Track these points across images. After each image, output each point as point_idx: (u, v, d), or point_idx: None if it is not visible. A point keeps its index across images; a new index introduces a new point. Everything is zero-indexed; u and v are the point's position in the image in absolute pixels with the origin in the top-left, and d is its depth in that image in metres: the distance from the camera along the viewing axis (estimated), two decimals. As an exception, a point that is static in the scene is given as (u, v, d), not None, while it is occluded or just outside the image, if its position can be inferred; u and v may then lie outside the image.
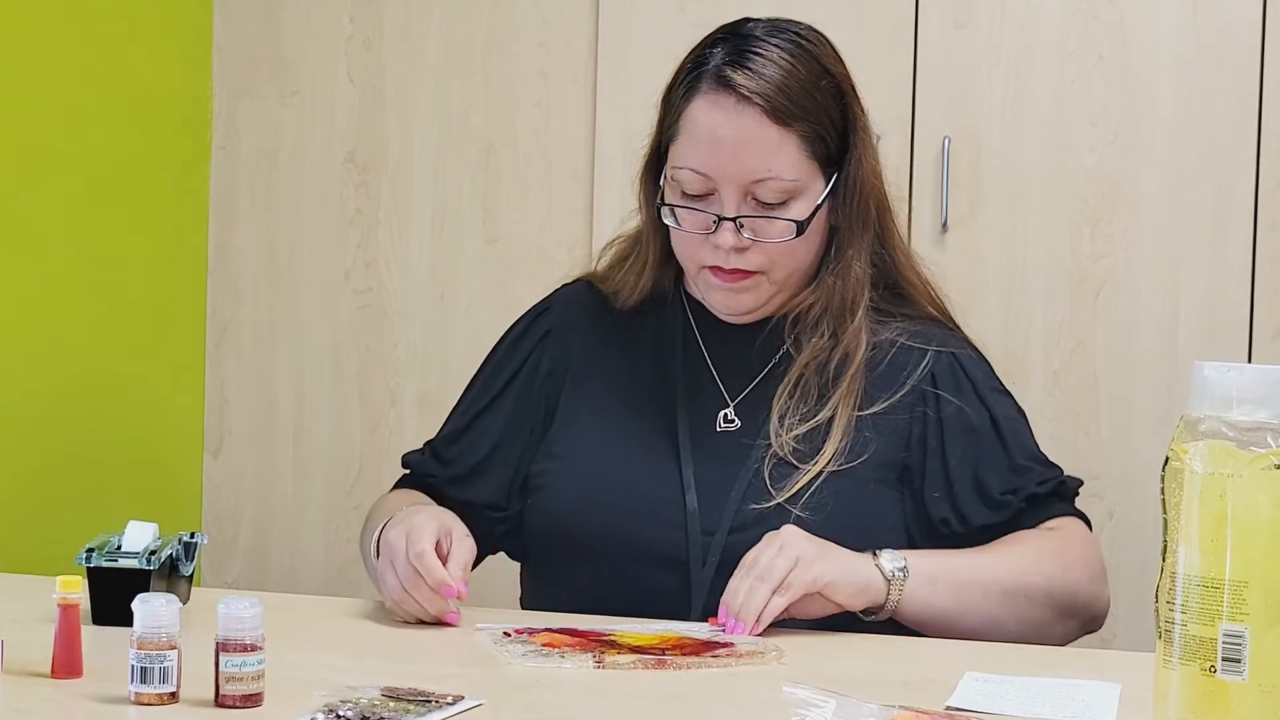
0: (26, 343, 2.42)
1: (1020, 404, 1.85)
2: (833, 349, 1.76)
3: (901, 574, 1.64)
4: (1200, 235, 2.53)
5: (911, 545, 1.72)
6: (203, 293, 2.87)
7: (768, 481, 1.71)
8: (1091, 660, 1.62)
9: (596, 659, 1.49)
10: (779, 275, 1.74)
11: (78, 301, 2.53)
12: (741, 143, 1.69)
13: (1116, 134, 2.55)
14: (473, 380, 1.91)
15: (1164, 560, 1.24)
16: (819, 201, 1.72)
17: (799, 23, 1.78)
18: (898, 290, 1.82)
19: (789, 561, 1.60)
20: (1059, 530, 1.77)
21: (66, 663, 1.40)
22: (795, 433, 1.73)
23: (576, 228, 2.69)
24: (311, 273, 2.84)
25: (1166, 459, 1.24)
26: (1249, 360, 2.50)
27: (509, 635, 1.57)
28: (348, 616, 1.67)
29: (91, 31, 2.54)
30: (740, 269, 1.73)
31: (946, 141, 2.58)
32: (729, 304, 1.77)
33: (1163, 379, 2.54)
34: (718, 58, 1.71)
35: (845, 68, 1.77)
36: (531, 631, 1.58)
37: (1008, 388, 1.85)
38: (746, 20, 1.77)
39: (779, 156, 1.69)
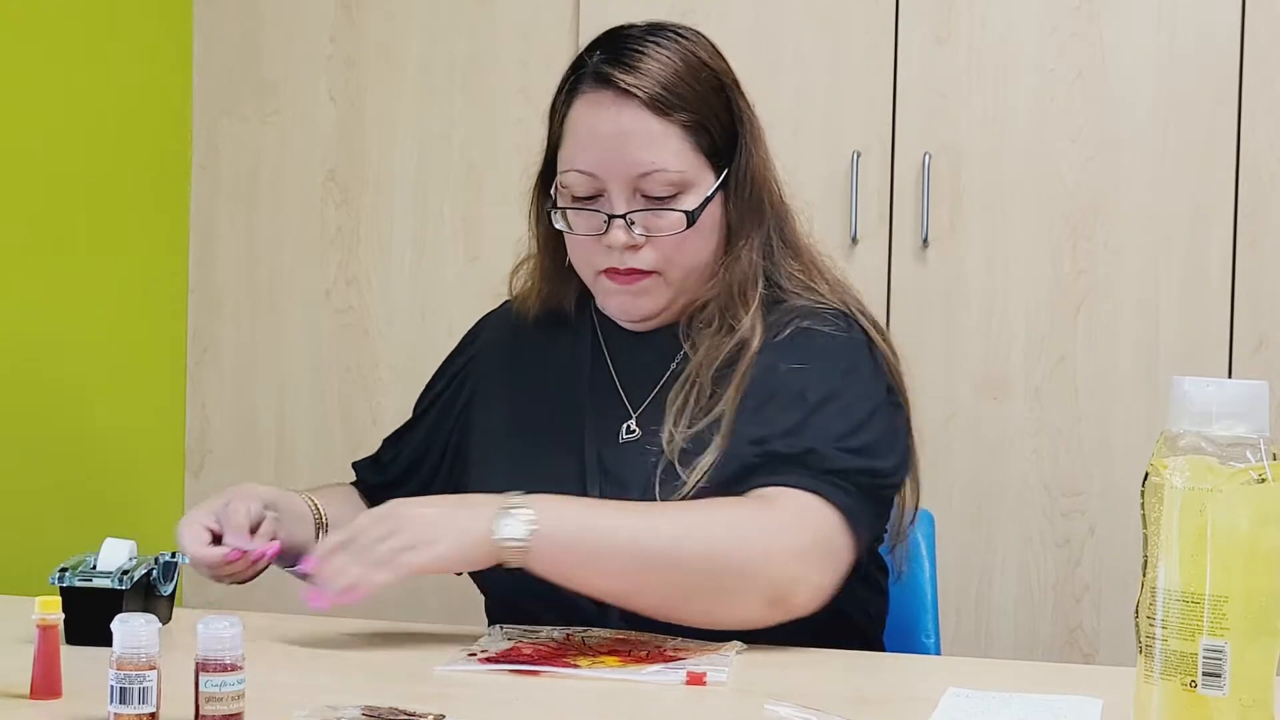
0: (5, 360, 2.42)
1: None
2: (726, 343, 1.70)
3: (521, 542, 1.53)
4: (1180, 251, 2.54)
5: None
6: (183, 311, 2.86)
7: (657, 489, 1.65)
8: (1073, 676, 1.63)
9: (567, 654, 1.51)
10: (675, 275, 1.71)
11: (58, 319, 2.52)
12: (623, 136, 1.67)
13: (1096, 150, 2.56)
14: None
15: (1144, 575, 1.25)
16: (709, 194, 1.70)
17: (677, 24, 1.77)
18: (803, 284, 1.76)
19: (393, 542, 1.52)
20: (769, 498, 1.59)
21: (45, 684, 1.39)
22: (687, 433, 1.66)
23: (558, 245, 2.69)
24: (293, 291, 2.84)
25: (1146, 474, 1.25)
26: (1229, 375, 2.50)
27: (474, 655, 1.56)
28: (329, 636, 1.67)
29: (71, 51, 2.54)
30: (635, 269, 1.70)
31: (927, 158, 2.59)
32: (627, 308, 1.74)
33: (1143, 394, 2.55)
34: (595, 59, 1.71)
35: (726, 64, 1.75)
36: (493, 659, 1.55)
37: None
38: (624, 25, 1.76)
39: (662, 148, 1.67)
